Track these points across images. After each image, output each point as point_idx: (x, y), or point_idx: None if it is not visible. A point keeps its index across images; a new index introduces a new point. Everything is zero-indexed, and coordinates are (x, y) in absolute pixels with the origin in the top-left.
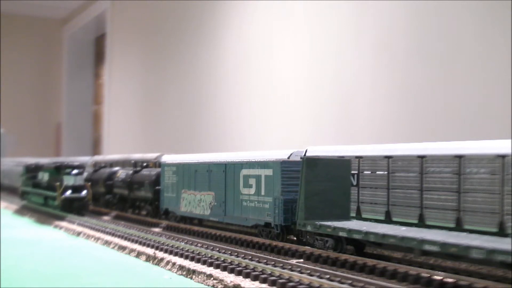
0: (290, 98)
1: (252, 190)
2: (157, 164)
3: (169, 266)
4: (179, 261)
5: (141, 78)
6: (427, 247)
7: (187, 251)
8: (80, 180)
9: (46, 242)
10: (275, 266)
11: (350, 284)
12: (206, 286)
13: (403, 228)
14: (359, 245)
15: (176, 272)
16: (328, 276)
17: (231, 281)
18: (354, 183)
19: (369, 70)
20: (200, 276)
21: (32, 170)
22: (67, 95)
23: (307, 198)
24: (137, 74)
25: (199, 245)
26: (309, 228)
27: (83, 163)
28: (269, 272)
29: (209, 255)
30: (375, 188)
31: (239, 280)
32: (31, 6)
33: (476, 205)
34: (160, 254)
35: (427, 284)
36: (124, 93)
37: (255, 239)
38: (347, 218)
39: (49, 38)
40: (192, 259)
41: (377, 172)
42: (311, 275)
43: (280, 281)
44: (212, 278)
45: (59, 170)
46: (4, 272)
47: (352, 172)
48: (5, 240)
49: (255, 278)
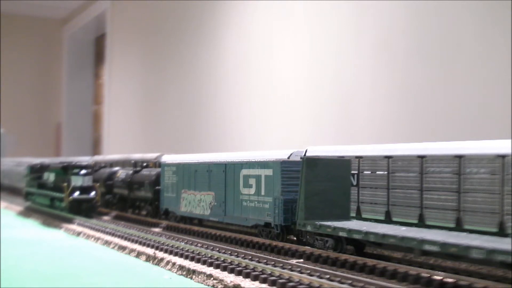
0: (290, 98)
1: (252, 190)
2: (157, 164)
3: (169, 266)
4: (179, 261)
5: (141, 78)
6: (427, 247)
7: (187, 251)
8: (88, 181)
9: (46, 242)
10: (275, 266)
11: (350, 284)
12: (206, 286)
13: (403, 228)
14: (359, 245)
15: (176, 272)
16: (328, 276)
17: (231, 281)
18: (354, 183)
19: (369, 70)
20: (200, 276)
21: (37, 170)
22: (67, 95)
23: (307, 198)
24: (137, 74)
25: (199, 245)
26: (309, 228)
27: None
28: (269, 272)
29: (209, 255)
30: (375, 188)
31: (239, 280)
32: (31, 6)
33: (476, 205)
34: (160, 254)
35: (427, 284)
36: (124, 93)
37: (255, 239)
38: (347, 218)
39: (49, 38)
40: (192, 259)
41: (377, 172)
42: (311, 275)
43: (280, 281)
44: (212, 278)
45: (66, 170)
46: (4, 272)
47: (352, 172)
48: (5, 240)
49: (255, 278)
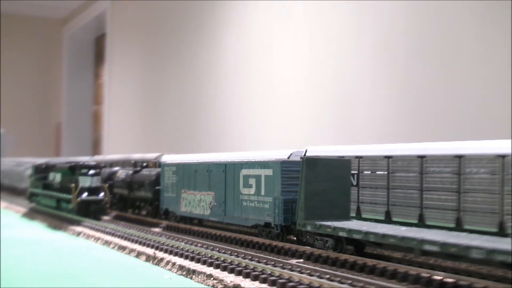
0: (290, 98)
1: (252, 190)
2: (157, 164)
3: (169, 266)
4: (179, 261)
5: (141, 78)
6: (427, 247)
7: (187, 251)
8: (97, 181)
9: (46, 242)
10: (275, 266)
11: (350, 284)
12: (206, 286)
13: (403, 228)
14: (359, 245)
15: (176, 272)
16: (328, 276)
17: (231, 281)
18: (354, 183)
19: (369, 70)
20: (200, 276)
21: (42, 171)
22: (67, 95)
23: (307, 198)
24: (137, 74)
25: (199, 245)
26: (309, 228)
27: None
28: (269, 272)
29: (209, 255)
30: (375, 188)
31: (239, 280)
32: (31, 6)
33: (476, 205)
34: (160, 254)
35: (427, 284)
36: (124, 93)
37: (255, 239)
38: (347, 218)
39: (49, 38)
40: (192, 259)
41: (377, 172)
42: (311, 275)
43: (280, 281)
44: (212, 278)
45: (73, 171)
46: (4, 272)
47: (352, 172)
48: (5, 240)
49: (255, 278)
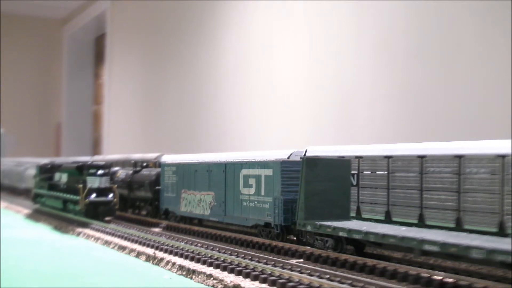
0: (290, 98)
1: (252, 190)
2: (157, 164)
3: (169, 266)
4: (179, 261)
5: (141, 78)
6: (427, 247)
7: (187, 251)
8: (105, 182)
9: (46, 242)
10: (275, 266)
11: (350, 284)
12: (206, 286)
13: (403, 228)
14: (359, 245)
15: (176, 272)
16: (328, 276)
17: (231, 281)
18: (354, 183)
19: (369, 70)
20: (200, 276)
21: (47, 171)
22: (67, 95)
23: (307, 198)
24: (137, 74)
25: (199, 245)
26: (309, 228)
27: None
28: (269, 272)
29: (209, 255)
30: (375, 188)
31: (239, 280)
32: (31, 6)
33: (476, 205)
34: (160, 254)
35: (427, 284)
36: (124, 93)
37: (255, 239)
38: (347, 218)
39: (49, 38)
40: (192, 259)
41: (377, 172)
42: (311, 275)
43: (280, 281)
44: (212, 278)
45: (81, 171)
46: (4, 272)
47: (352, 172)
48: (5, 240)
49: (255, 278)
